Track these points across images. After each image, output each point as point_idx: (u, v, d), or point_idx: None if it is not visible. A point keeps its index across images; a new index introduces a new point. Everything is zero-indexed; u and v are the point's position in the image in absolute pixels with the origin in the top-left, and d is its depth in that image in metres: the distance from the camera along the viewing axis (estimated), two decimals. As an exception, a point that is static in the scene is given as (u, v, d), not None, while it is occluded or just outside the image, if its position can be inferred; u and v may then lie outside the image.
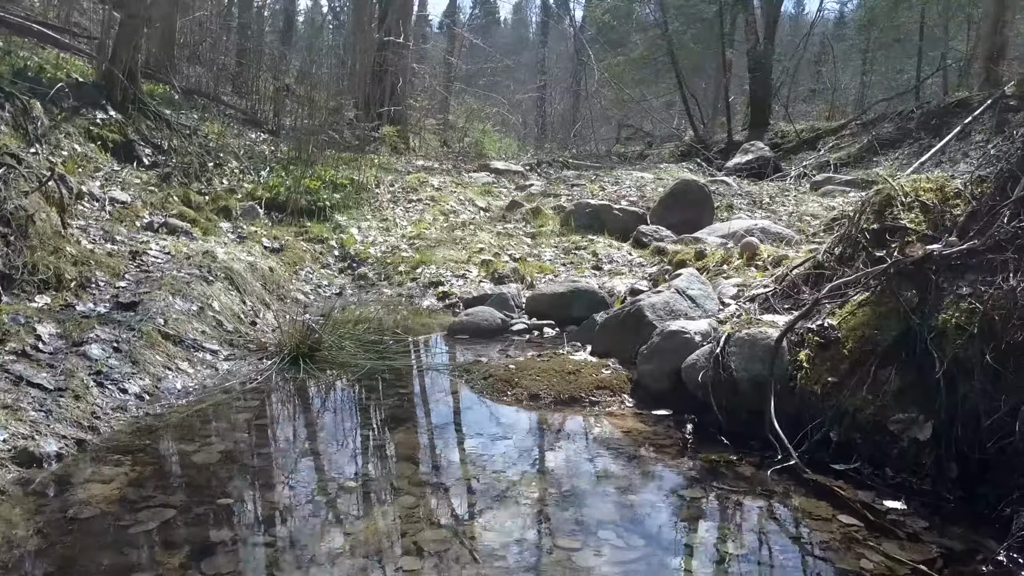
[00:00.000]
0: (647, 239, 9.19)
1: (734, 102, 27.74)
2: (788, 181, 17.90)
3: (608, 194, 11.85)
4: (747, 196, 12.14)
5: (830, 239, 4.97)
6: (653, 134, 28.30)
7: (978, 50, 24.09)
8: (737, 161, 19.09)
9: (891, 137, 20.05)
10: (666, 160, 21.84)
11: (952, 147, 17.67)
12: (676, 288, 5.13)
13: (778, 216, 11.13)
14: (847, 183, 15.28)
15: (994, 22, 20.79)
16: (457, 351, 5.68)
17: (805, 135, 23.62)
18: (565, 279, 7.28)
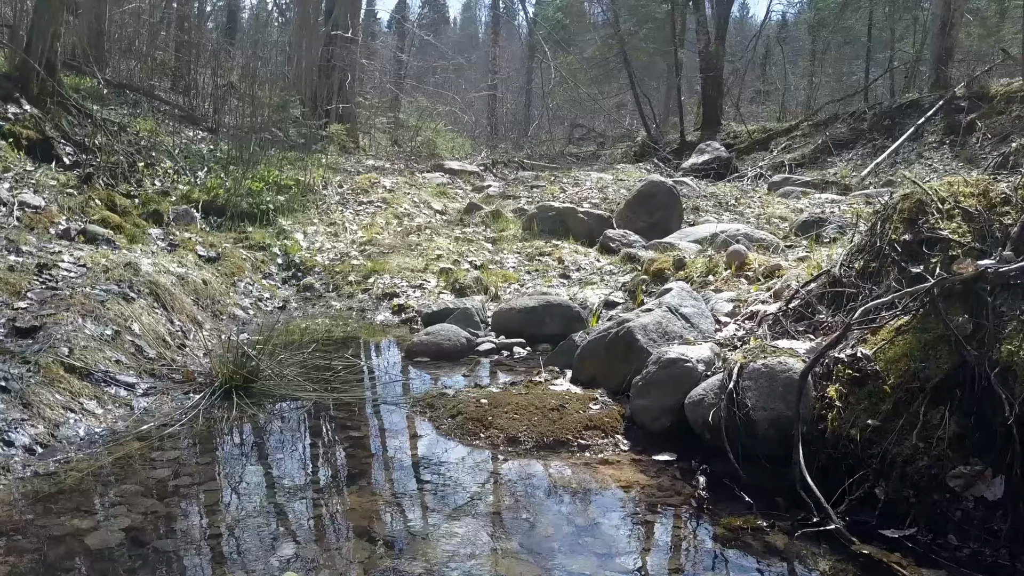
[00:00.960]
0: (615, 244, 8.52)
1: (686, 102, 27.38)
2: (745, 182, 17.47)
3: (569, 196, 11.17)
4: (712, 198, 11.58)
5: (844, 250, 4.32)
6: (605, 134, 27.78)
7: (925, 52, 24.08)
8: (694, 161, 18.62)
9: (844, 138, 19.80)
10: (619, 160, 21.31)
11: (906, 147, 17.43)
12: (667, 306, 4.44)
13: (746, 218, 10.58)
14: (806, 184, 14.88)
15: (942, 25, 20.66)
16: (418, 378, 4.91)
17: (757, 135, 23.32)
18: (534, 291, 6.55)
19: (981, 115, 16.96)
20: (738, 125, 25.00)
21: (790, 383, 3.34)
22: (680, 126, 25.15)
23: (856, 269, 3.83)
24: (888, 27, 26.08)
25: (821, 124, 21.39)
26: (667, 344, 4.19)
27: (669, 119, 29.85)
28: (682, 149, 22.32)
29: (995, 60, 19.52)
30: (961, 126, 17.19)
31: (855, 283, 3.78)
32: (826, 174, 17.77)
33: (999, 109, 16.92)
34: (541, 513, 3.02)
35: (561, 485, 3.29)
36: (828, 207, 11.37)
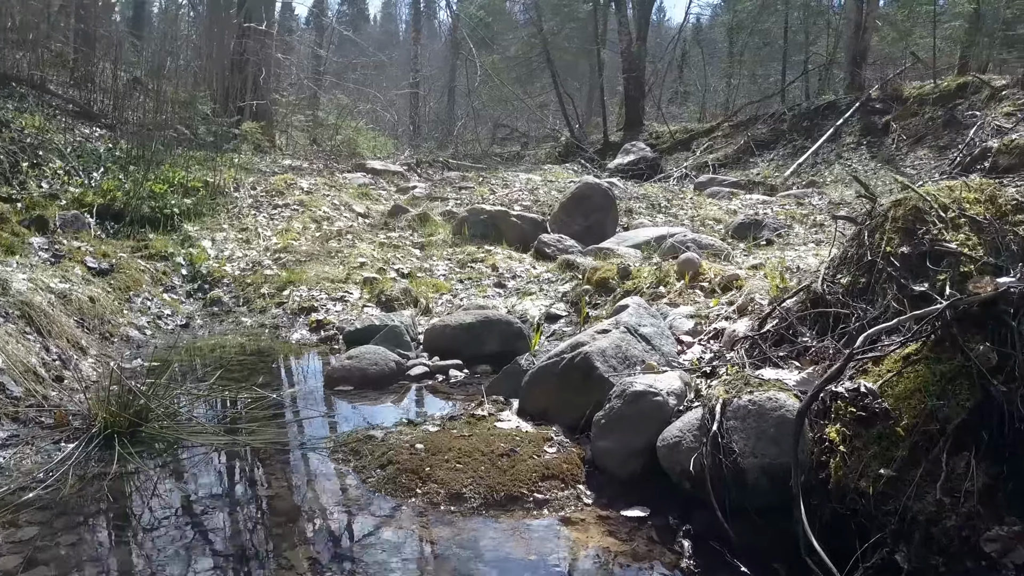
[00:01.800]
0: (551, 250, 7.95)
1: (608, 103, 27.13)
2: (672, 182, 17.22)
3: (500, 198, 10.56)
4: (644, 199, 11.14)
5: (823, 262, 3.84)
6: (529, 134, 27.30)
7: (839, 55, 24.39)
8: (619, 162, 18.30)
9: (765, 138, 19.79)
10: (544, 161, 20.86)
11: (825, 148, 17.47)
12: (626, 326, 3.86)
13: (679, 220, 10.18)
14: (733, 184, 14.67)
15: (855, 28, 20.89)
16: (340, 413, 4.21)
17: (679, 136, 23.21)
18: (470, 304, 5.91)
19: (896, 116, 17.11)
20: (660, 125, 24.85)
21: (783, 423, 2.80)
22: (603, 126, 24.88)
23: (843, 285, 3.32)
24: (803, 30, 26.37)
25: (741, 125, 21.39)
26: (628, 370, 3.62)
27: (592, 119, 29.59)
28: (606, 149, 22.04)
29: (906, 63, 19.78)
30: (877, 127, 17.34)
31: (843, 301, 3.28)
32: (750, 174, 17.68)
33: (913, 111, 17.09)
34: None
35: (516, 556, 2.67)
36: (761, 208, 11.09)
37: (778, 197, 12.18)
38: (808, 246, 8.93)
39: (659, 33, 38.90)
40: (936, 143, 15.30)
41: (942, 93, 16.73)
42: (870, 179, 14.81)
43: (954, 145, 14.76)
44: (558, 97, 24.76)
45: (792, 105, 20.51)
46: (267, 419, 3.95)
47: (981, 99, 15.22)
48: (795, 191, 13.97)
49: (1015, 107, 6.78)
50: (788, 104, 21.63)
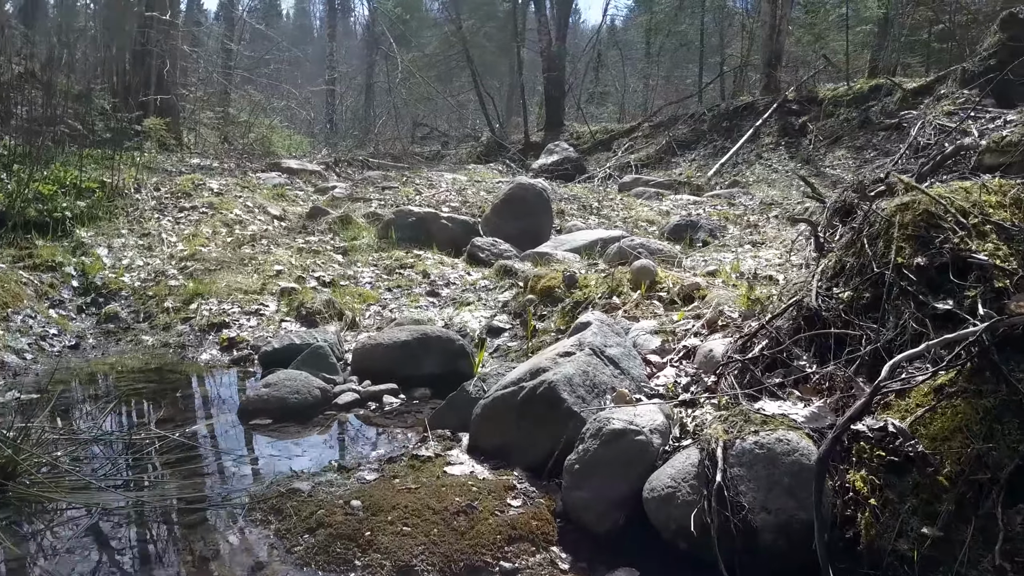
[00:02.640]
0: (485, 254, 7.39)
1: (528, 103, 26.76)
2: (596, 183, 16.91)
3: (426, 199, 9.93)
4: (575, 200, 10.69)
5: (808, 271, 3.40)
6: (449, 134, 26.68)
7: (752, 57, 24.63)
8: (543, 162, 17.87)
9: (686, 139, 19.74)
10: (465, 160, 20.31)
11: (745, 149, 17.45)
12: (591, 347, 3.33)
13: (613, 222, 9.77)
14: (659, 185, 14.42)
15: (770, 31, 21.07)
16: (258, 454, 3.53)
17: (600, 136, 23.04)
18: (402, 317, 5.28)
19: (812, 118, 17.24)
20: (581, 126, 24.63)
21: (800, 472, 2.32)
22: (524, 126, 24.49)
23: (843, 300, 2.87)
24: (718, 33, 26.58)
25: (662, 125, 21.32)
26: (597, 399, 3.09)
27: (512, 119, 29.18)
28: (527, 149, 21.64)
29: (819, 66, 20.03)
30: (794, 128, 17.44)
31: (846, 320, 2.83)
32: (672, 174, 17.53)
33: (828, 112, 17.25)
34: None
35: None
36: (693, 209, 10.80)
37: (707, 197, 11.94)
38: (745, 247, 8.63)
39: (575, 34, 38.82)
40: (852, 143, 15.45)
41: (855, 95, 16.93)
42: (791, 179, 14.83)
43: (871, 145, 14.94)
44: (478, 96, 24.21)
45: (711, 106, 20.53)
46: (169, 466, 3.26)
47: (894, 100, 15.46)
48: (721, 191, 13.81)
49: (956, 106, 6.58)
50: (707, 105, 21.69)
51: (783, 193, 13.00)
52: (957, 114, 6.40)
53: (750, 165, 16.71)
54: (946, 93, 7.07)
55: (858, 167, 14.39)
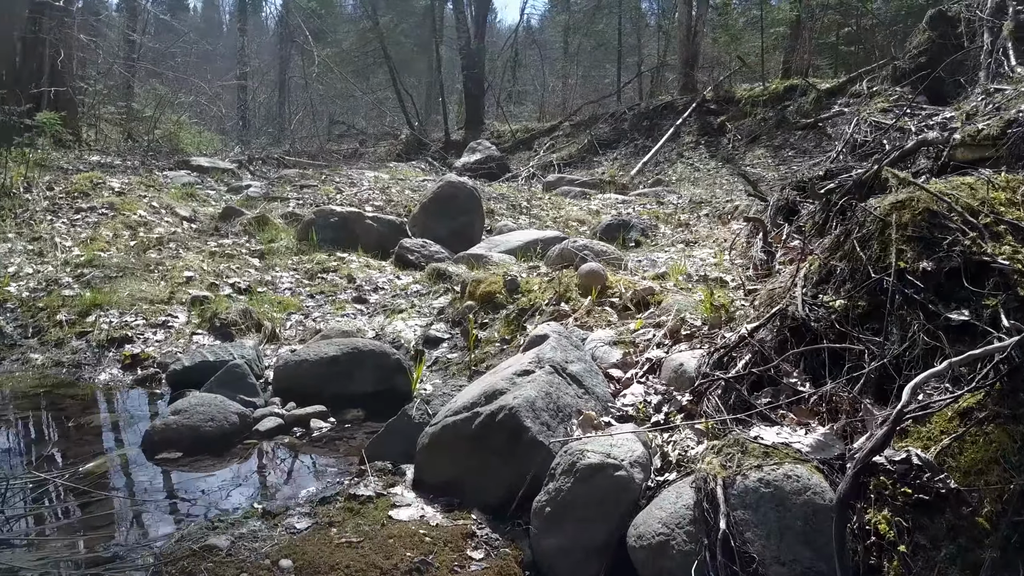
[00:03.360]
0: (414, 256, 6.92)
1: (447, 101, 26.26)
2: (520, 181, 16.60)
3: (348, 197, 9.35)
4: (503, 200, 10.29)
5: (788, 273, 3.08)
6: (367, 131, 25.94)
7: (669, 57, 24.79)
8: (466, 160, 17.45)
9: (608, 138, 19.65)
10: (384, 159, 19.70)
11: (667, 147, 17.44)
12: (552, 365, 2.94)
13: (544, 222, 9.43)
14: (584, 184, 14.20)
15: (687, 32, 21.21)
16: (165, 498, 3.00)
17: (520, 135, 22.80)
18: (330, 330, 4.76)
19: (730, 117, 17.37)
20: (501, 124, 24.31)
21: (815, 514, 1.98)
22: (444, 124, 24.02)
23: (834, 310, 2.56)
24: (635, 33, 26.67)
25: (582, 124, 21.20)
26: (563, 424, 2.70)
27: (431, 117, 28.62)
28: (448, 147, 21.19)
29: (735, 67, 20.24)
30: (713, 127, 17.53)
31: (840, 332, 2.51)
32: (595, 173, 17.37)
33: (745, 111, 17.40)
34: None
35: None
36: (623, 208, 10.56)
37: (635, 196, 11.74)
38: (678, 246, 8.43)
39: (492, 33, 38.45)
40: (771, 142, 15.58)
41: (771, 95, 17.12)
42: (714, 178, 14.85)
43: (788, 144, 15.08)
44: (397, 93, 23.57)
45: (631, 105, 20.51)
46: (55, 517, 2.71)
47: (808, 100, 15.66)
48: (646, 190, 13.68)
49: (890, 103, 6.48)
50: (626, 105, 21.67)
51: (708, 191, 12.93)
52: (892, 111, 6.28)
53: (672, 164, 16.69)
54: (878, 90, 6.98)
55: (777, 165, 14.52)
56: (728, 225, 9.09)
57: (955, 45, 6.51)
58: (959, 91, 6.34)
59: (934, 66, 6.62)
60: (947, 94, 6.39)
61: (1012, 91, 5.10)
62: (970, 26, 6.42)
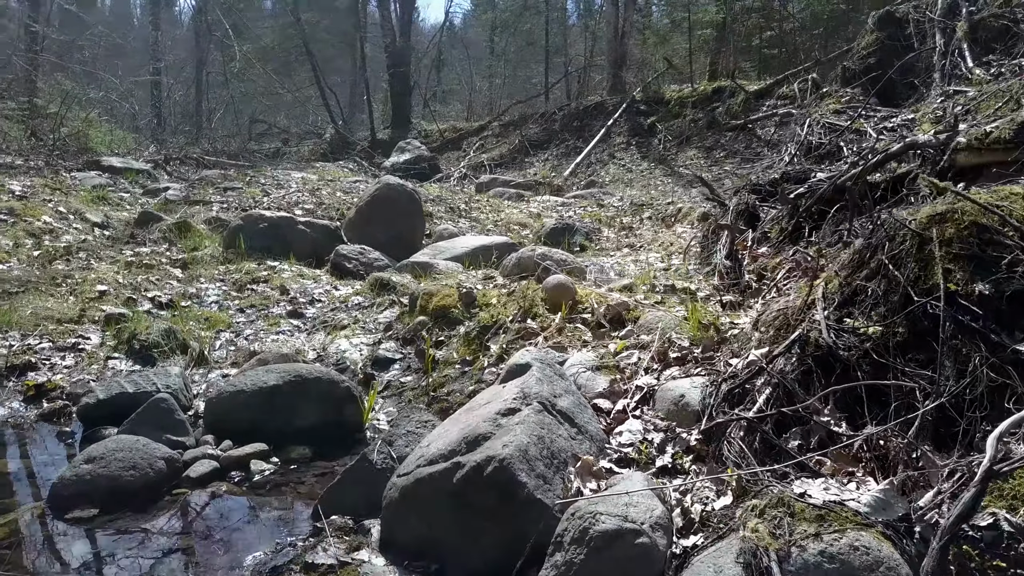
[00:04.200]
0: (352, 264, 6.42)
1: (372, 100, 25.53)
2: (452, 182, 16.16)
3: (275, 200, 8.74)
4: (440, 202, 9.83)
5: (796, 291, 2.74)
6: (290, 130, 25.01)
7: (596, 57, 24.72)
8: (395, 160, 16.90)
9: (538, 138, 19.41)
10: (309, 158, 18.95)
11: (598, 148, 17.28)
12: (540, 401, 2.53)
13: (484, 225, 9.03)
14: (519, 185, 13.86)
15: (615, 33, 21.14)
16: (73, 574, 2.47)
17: (449, 134, 22.40)
18: (268, 352, 4.21)
19: (660, 118, 17.33)
20: (429, 123, 23.82)
21: (890, 593, 1.64)
22: (370, 123, 23.32)
23: (868, 337, 2.24)
24: (561, 33, 26.49)
25: (512, 124, 20.91)
26: (559, 474, 2.30)
27: (356, 116, 27.86)
28: (374, 147, 20.57)
29: (662, 68, 20.23)
30: (644, 128, 17.46)
31: (879, 363, 2.19)
32: (527, 174, 17.09)
33: (675, 113, 17.39)
34: None
35: None
36: (563, 211, 10.25)
37: (573, 199, 11.43)
38: (624, 250, 8.16)
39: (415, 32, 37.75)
40: (702, 144, 15.57)
41: (700, 96, 17.15)
42: (647, 179, 14.71)
43: (719, 146, 15.07)
44: (320, 92, 22.75)
45: (561, 106, 20.30)
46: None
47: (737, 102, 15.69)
48: (581, 191, 13.43)
49: (842, 104, 6.31)
50: (555, 105, 21.46)
51: (644, 193, 12.76)
52: (846, 112, 6.11)
53: (604, 165, 16.52)
54: (829, 91, 6.83)
55: (710, 166, 14.47)
56: (672, 228, 8.87)
57: (904, 46, 6.39)
58: (911, 92, 6.22)
59: (884, 67, 6.49)
60: (898, 95, 6.27)
61: (976, 93, 4.94)
62: (919, 27, 6.31)
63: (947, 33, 5.94)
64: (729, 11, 18.64)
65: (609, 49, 21.62)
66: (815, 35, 19.14)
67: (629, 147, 17.04)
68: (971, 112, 4.48)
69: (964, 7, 5.93)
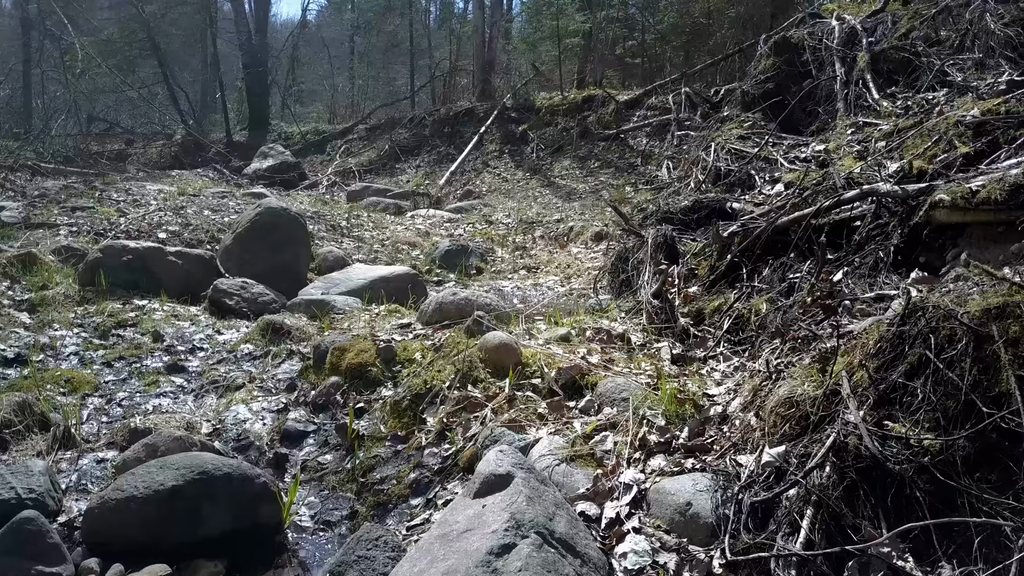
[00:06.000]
0: (235, 302, 5.68)
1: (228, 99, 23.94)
2: (321, 190, 15.32)
3: (135, 222, 7.73)
4: (320, 220, 9.09)
5: (811, 372, 2.42)
6: (135, 130, 23.05)
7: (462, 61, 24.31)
8: (258, 167, 15.83)
9: (408, 143, 18.83)
10: (157, 162, 17.47)
11: (471, 155, 16.92)
12: (538, 530, 2.07)
13: (370, 245, 8.43)
14: (396, 196, 13.27)
15: (482, 38, 20.87)
16: None
17: (312, 137, 21.40)
18: (160, 438, 3.43)
19: (531, 126, 17.18)
20: (289, 125, 22.63)
21: None
22: (226, 124, 21.90)
23: (924, 449, 1.93)
24: (426, 35, 25.92)
25: (378, 128, 20.20)
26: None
27: (209, 116, 26.08)
28: (230, 149, 19.30)
29: (530, 74, 20.14)
30: (516, 136, 17.26)
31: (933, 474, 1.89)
32: (400, 181, 16.50)
33: (546, 121, 17.31)
34: None
35: None
36: (450, 227, 9.78)
37: (460, 215, 10.94)
38: (521, 272, 7.83)
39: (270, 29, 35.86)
40: (576, 153, 15.51)
41: (571, 105, 17.12)
42: (525, 189, 14.46)
43: (593, 156, 15.05)
44: (168, 89, 21.06)
45: (431, 111, 19.74)
46: None
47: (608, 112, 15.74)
48: (460, 202, 13.02)
49: (745, 130, 6.22)
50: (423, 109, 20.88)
51: (524, 205, 12.46)
52: (751, 139, 6.01)
53: (479, 173, 16.17)
54: (731, 116, 6.74)
55: (585, 177, 14.42)
56: (566, 248, 8.61)
57: (802, 73, 6.39)
58: (811, 120, 6.21)
59: (782, 92, 6.46)
60: (799, 122, 6.24)
61: (887, 126, 4.91)
62: (816, 54, 6.31)
63: (847, 62, 5.95)
64: (594, 20, 18.76)
65: (477, 54, 21.28)
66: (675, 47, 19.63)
67: (503, 155, 16.77)
68: (895, 150, 4.40)
69: (863, 37, 5.97)
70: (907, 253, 3.09)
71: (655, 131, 13.56)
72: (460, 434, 3.12)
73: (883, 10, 6.28)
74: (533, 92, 19.06)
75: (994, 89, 4.14)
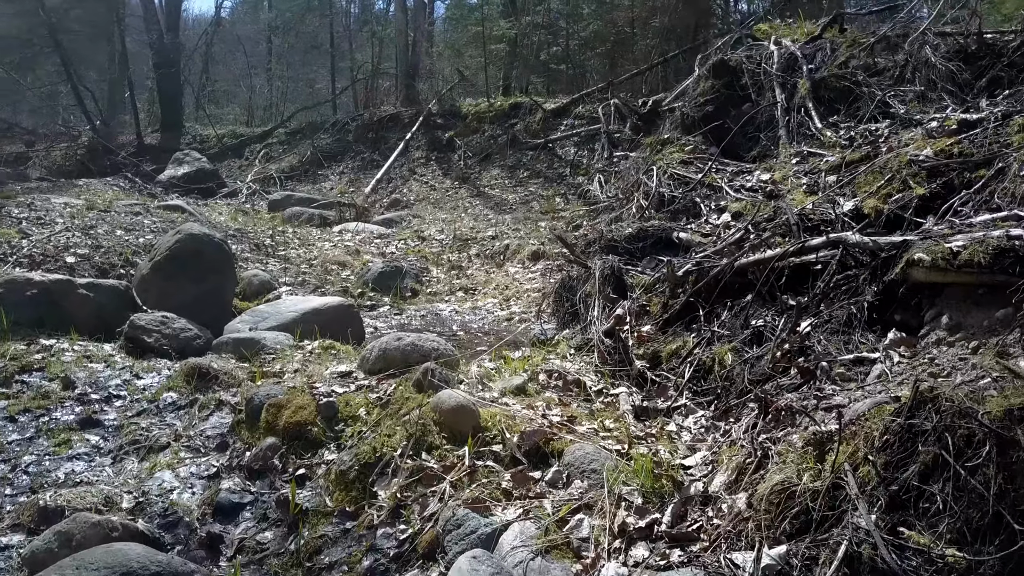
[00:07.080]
0: (154, 339, 5.22)
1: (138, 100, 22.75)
2: (241, 198, 14.64)
3: (39, 244, 7.07)
4: (243, 238, 8.58)
5: (805, 459, 2.24)
6: (36, 131, 21.65)
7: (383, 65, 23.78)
8: (173, 174, 15.01)
9: (331, 149, 18.24)
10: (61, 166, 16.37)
11: (397, 162, 16.47)
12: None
13: (298, 267, 8.00)
14: (321, 206, 12.76)
15: (406, 42, 20.46)
16: None
17: (229, 140, 20.55)
18: (76, 518, 2.97)
19: (458, 133, 16.88)
20: (204, 128, 21.66)
21: None
22: (136, 126, 20.77)
23: (948, 565, 1.77)
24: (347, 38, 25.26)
25: (299, 133, 19.51)
26: None
27: (118, 116, 24.73)
28: (141, 152, 18.32)
29: (456, 80, 19.86)
30: (442, 143, 16.93)
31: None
32: (323, 188, 15.96)
33: (473, 128, 17.04)
34: None
35: None
36: (380, 243, 9.41)
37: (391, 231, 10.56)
38: (458, 294, 7.57)
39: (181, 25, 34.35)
40: (504, 162, 15.28)
41: (498, 112, 16.89)
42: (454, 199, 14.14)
43: (522, 165, 14.87)
44: (73, 89, 19.83)
45: (354, 115, 19.18)
46: None
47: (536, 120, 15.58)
48: (388, 213, 12.63)
49: (687, 154, 6.11)
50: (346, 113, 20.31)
51: (454, 215, 12.15)
52: (694, 164, 5.91)
53: (406, 181, 15.77)
54: (671, 138, 6.62)
55: (515, 187, 14.22)
56: (503, 267, 8.38)
57: (742, 96, 6.32)
58: (751, 144, 6.15)
59: (722, 116, 6.39)
60: (738, 147, 6.18)
61: (834, 157, 4.86)
62: (755, 79, 6.26)
63: (787, 88, 5.91)
64: (518, 26, 18.60)
65: (400, 58, 20.82)
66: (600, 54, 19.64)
67: (429, 162, 16.43)
68: (846, 185, 4.33)
69: (803, 64, 5.94)
70: (881, 310, 2.98)
71: (583, 141, 13.47)
72: (417, 512, 2.84)
73: (820, 36, 6.28)
74: (459, 98, 18.76)
75: (945, 129, 4.11)
